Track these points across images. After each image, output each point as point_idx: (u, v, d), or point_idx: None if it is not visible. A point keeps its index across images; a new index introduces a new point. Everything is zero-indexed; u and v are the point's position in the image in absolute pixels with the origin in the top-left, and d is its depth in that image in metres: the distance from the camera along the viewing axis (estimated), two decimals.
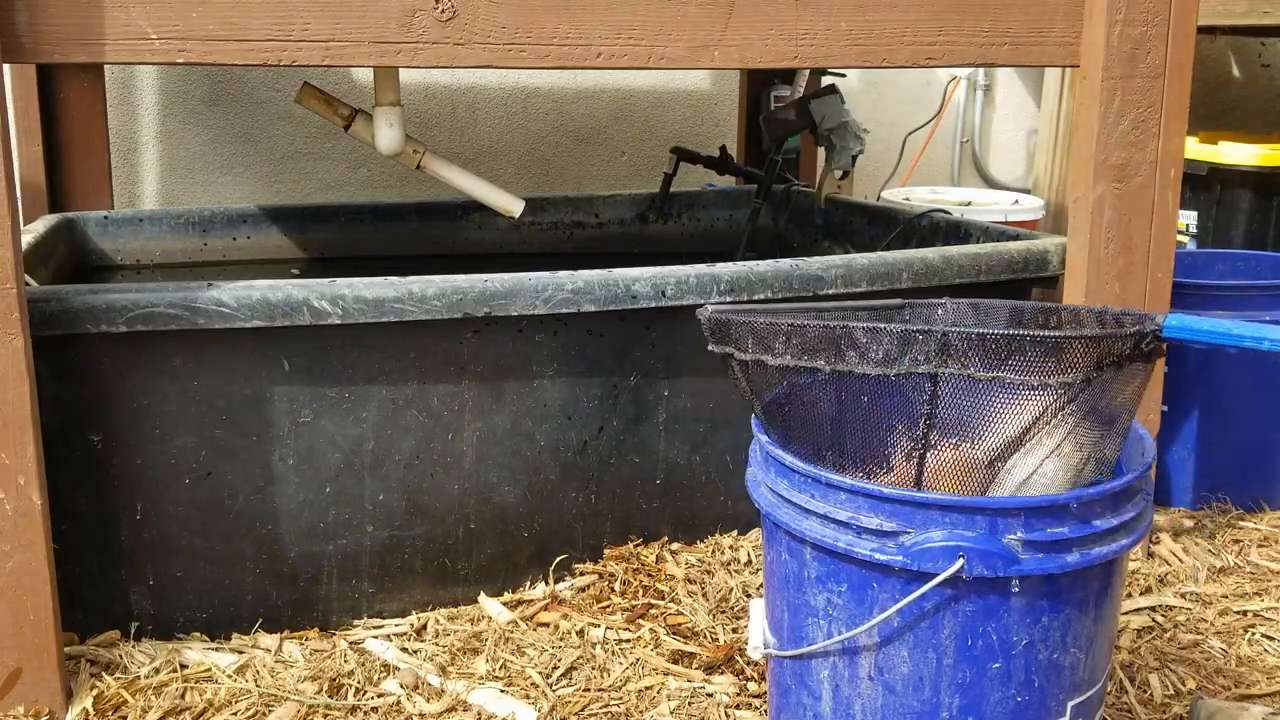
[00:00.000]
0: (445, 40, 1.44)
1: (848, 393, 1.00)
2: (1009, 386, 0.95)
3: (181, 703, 1.42)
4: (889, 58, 1.59)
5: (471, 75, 2.91)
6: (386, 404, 1.56)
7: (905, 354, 0.96)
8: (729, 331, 1.07)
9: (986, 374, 0.94)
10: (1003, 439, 0.99)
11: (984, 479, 1.02)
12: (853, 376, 0.98)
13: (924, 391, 0.96)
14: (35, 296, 1.39)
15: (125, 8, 1.32)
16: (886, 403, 0.97)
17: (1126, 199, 1.70)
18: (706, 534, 1.85)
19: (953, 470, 0.99)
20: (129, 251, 2.19)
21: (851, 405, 0.99)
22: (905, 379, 0.96)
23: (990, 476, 1.02)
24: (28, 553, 1.35)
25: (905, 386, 0.97)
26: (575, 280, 1.58)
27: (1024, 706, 1.10)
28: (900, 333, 0.95)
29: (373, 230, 2.33)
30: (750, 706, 1.43)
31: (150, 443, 1.49)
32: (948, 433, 0.98)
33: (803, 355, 1.00)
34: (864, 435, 1.03)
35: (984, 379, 0.95)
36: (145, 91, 2.69)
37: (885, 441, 1.01)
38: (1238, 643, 1.60)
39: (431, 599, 1.67)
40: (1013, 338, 0.95)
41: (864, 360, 0.97)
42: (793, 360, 1.00)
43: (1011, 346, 0.96)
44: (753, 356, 1.05)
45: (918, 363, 0.95)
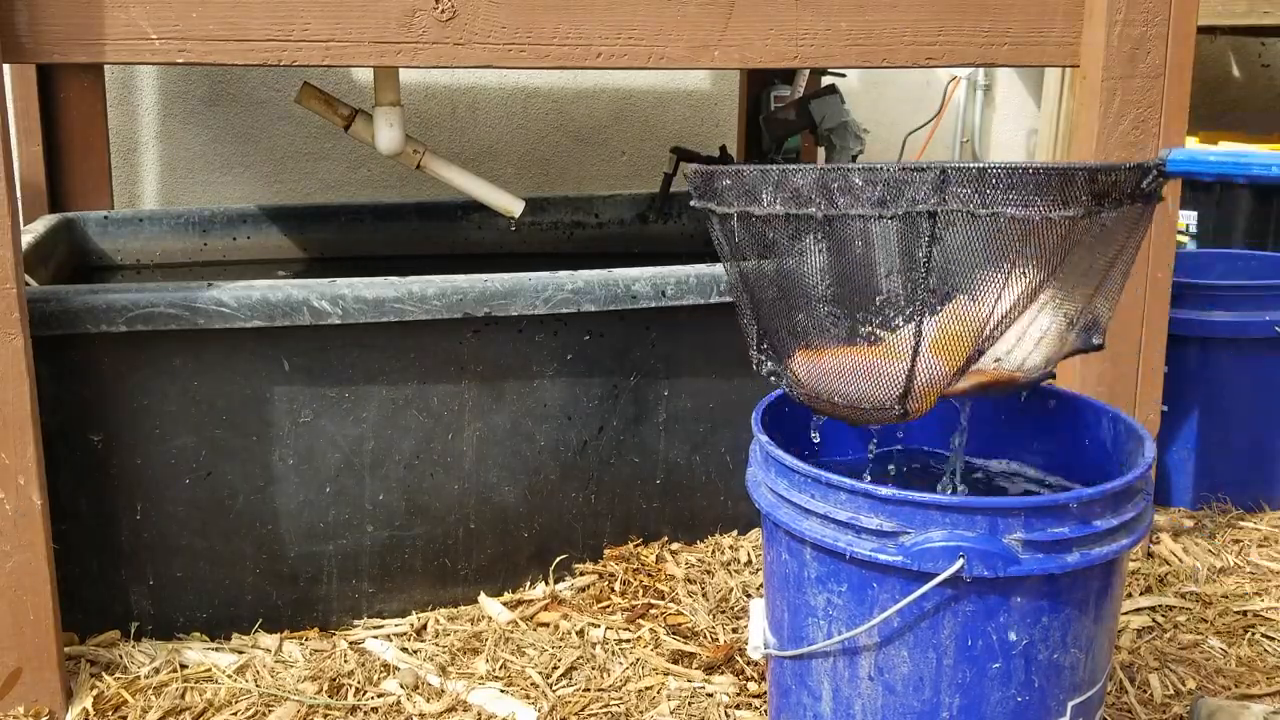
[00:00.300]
0: (445, 40, 1.44)
1: (838, 246, 0.92)
2: (1009, 224, 0.90)
3: (181, 703, 1.42)
4: (889, 58, 1.59)
5: (471, 75, 2.91)
6: (386, 404, 1.56)
7: (903, 194, 0.89)
8: (713, 184, 0.99)
9: (986, 209, 0.89)
10: (1001, 286, 0.93)
11: (983, 333, 0.96)
12: (847, 223, 0.91)
13: (923, 235, 0.89)
14: (35, 296, 1.39)
15: (125, 8, 1.32)
16: (881, 254, 0.91)
17: None
18: (706, 534, 1.85)
19: (953, 327, 0.93)
20: (129, 251, 2.19)
21: (843, 260, 0.92)
22: (903, 221, 0.89)
23: (990, 330, 0.96)
24: (28, 553, 1.35)
25: (903, 234, 0.90)
26: (575, 280, 1.58)
27: (1024, 706, 1.10)
28: (898, 173, 0.89)
29: (373, 230, 2.33)
30: (750, 706, 1.43)
31: (150, 443, 1.49)
32: (945, 287, 0.93)
33: (793, 203, 0.93)
34: (856, 295, 0.95)
35: (984, 215, 0.89)
36: (145, 91, 2.69)
37: (879, 301, 0.94)
38: (1238, 643, 1.60)
39: (431, 599, 1.67)
40: (1014, 169, 0.90)
41: (859, 203, 0.90)
42: (782, 208, 0.93)
43: (1012, 180, 0.90)
44: (739, 209, 0.97)
45: (915, 202, 0.89)
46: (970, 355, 0.96)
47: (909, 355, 0.94)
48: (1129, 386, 1.75)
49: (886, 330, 0.98)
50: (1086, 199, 0.91)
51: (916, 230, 0.89)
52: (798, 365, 1.04)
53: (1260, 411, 1.99)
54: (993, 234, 0.90)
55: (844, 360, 1.01)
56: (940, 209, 0.89)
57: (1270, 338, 1.93)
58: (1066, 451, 1.33)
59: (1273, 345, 1.94)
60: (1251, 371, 1.97)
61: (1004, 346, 1.01)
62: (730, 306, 1.69)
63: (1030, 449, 1.36)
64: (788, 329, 1.01)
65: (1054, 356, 1.08)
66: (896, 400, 0.98)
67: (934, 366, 0.97)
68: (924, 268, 0.89)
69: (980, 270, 0.91)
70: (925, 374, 0.97)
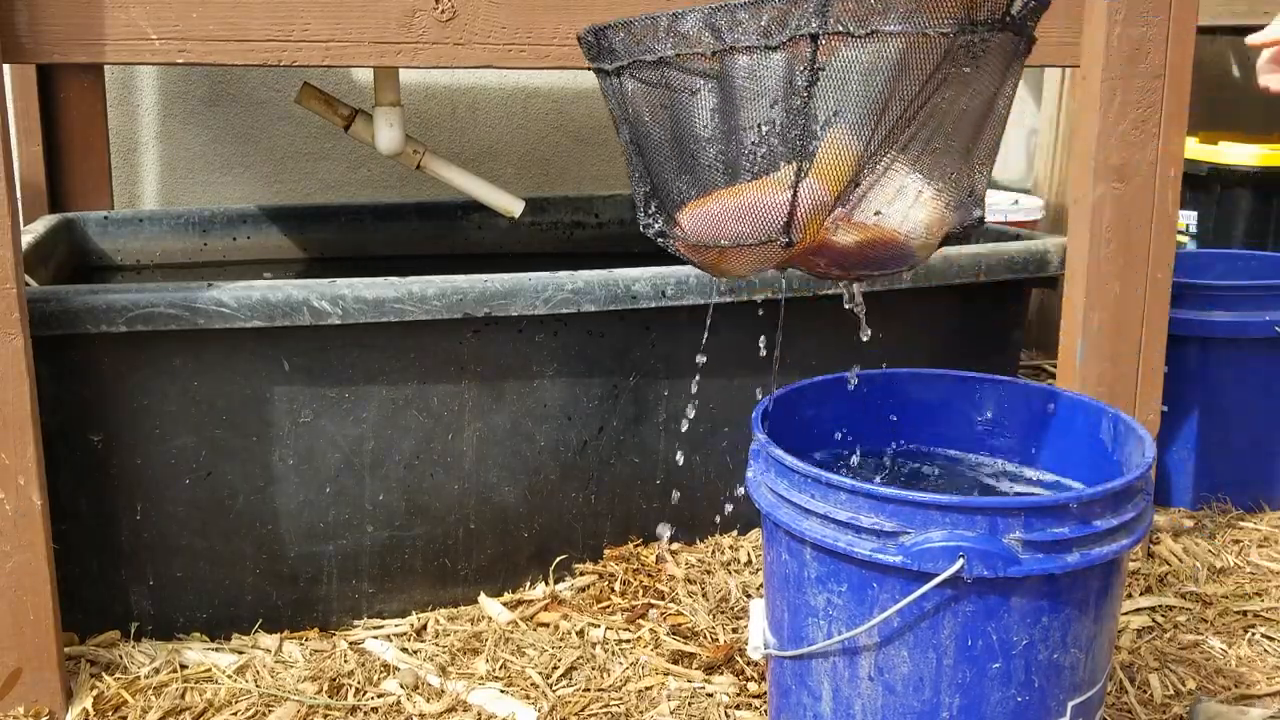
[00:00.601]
0: (445, 40, 1.44)
1: (726, 83, 0.95)
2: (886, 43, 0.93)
3: (181, 703, 1.42)
4: None
5: (471, 75, 2.91)
6: (386, 404, 1.56)
7: (788, 23, 0.92)
8: (605, 40, 1.01)
9: (863, 30, 0.92)
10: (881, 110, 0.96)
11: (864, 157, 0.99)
12: (734, 57, 0.94)
13: (804, 61, 0.92)
14: (35, 296, 1.39)
15: (125, 8, 1.32)
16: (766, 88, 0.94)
17: (1126, 199, 1.70)
18: (706, 534, 1.85)
19: (834, 152, 0.96)
20: (129, 252, 2.19)
21: (729, 99, 0.95)
22: (787, 49, 0.92)
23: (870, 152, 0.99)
24: (28, 553, 1.35)
25: (788, 63, 0.93)
26: (575, 280, 1.58)
27: (1024, 706, 1.10)
28: (781, 3, 0.92)
29: (373, 230, 2.33)
30: (750, 706, 1.43)
31: (150, 443, 1.49)
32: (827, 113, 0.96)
33: (683, 44, 0.96)
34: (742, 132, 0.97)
35: (861, 35, 0.92)
36: (145, 91, 2.69)
37: (765, 133, 0.97)
38: (1238, 643, 1.60)
39: (431, 599, 1.67)
40: None
41: (746, 35, 0.93)
42: (672, 50, 0.96)
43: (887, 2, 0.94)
44: (630, 59, 0.99)
45: (799, 28, 0.92)
46: (850, 181, 0.98)
47: (790, 184, 0.95)
48: (1129, 386, 1.75)
49: (771, 167, 0.99)
50: (960, 17, 0.94)
51: (800, 57, 0.92)
52: (684, 218, 1.05)
53: (1260, 411, 1.99)
54: (872, 56, 0.92)
55: (729, 201, 1.02)
56: (822, 31, 0.91)
57: (1270, 338, 1.93)
58: (1066, 451, 1.33)
59: (1273, 345, 1.94)
60: (1251, 371, 1.97)
61: (884, 197, 1.02)
62: (730, 307, 1.69)
63: (1030, 449, 1.36)
64: (676, 181, 1.02)
65: (933, 222, 1.08)
66: (781, 230, 0.99)
67: (816, 192, 0.98)
68: (805, 93, 0.92)
69: (859, 95, 0.93)
70: (808, 200, 0.99)
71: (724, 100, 0.96)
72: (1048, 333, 2.85)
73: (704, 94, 0.97)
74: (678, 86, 0.98)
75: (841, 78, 0.92)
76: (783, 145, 0.95)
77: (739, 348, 1.75)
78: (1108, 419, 1.27)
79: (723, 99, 0.96)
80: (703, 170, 1.04)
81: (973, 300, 1.90)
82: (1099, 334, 1.73)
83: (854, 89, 0.92)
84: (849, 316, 1.81)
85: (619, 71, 1.01)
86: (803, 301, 1.73)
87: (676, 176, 1.05)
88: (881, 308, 1.82)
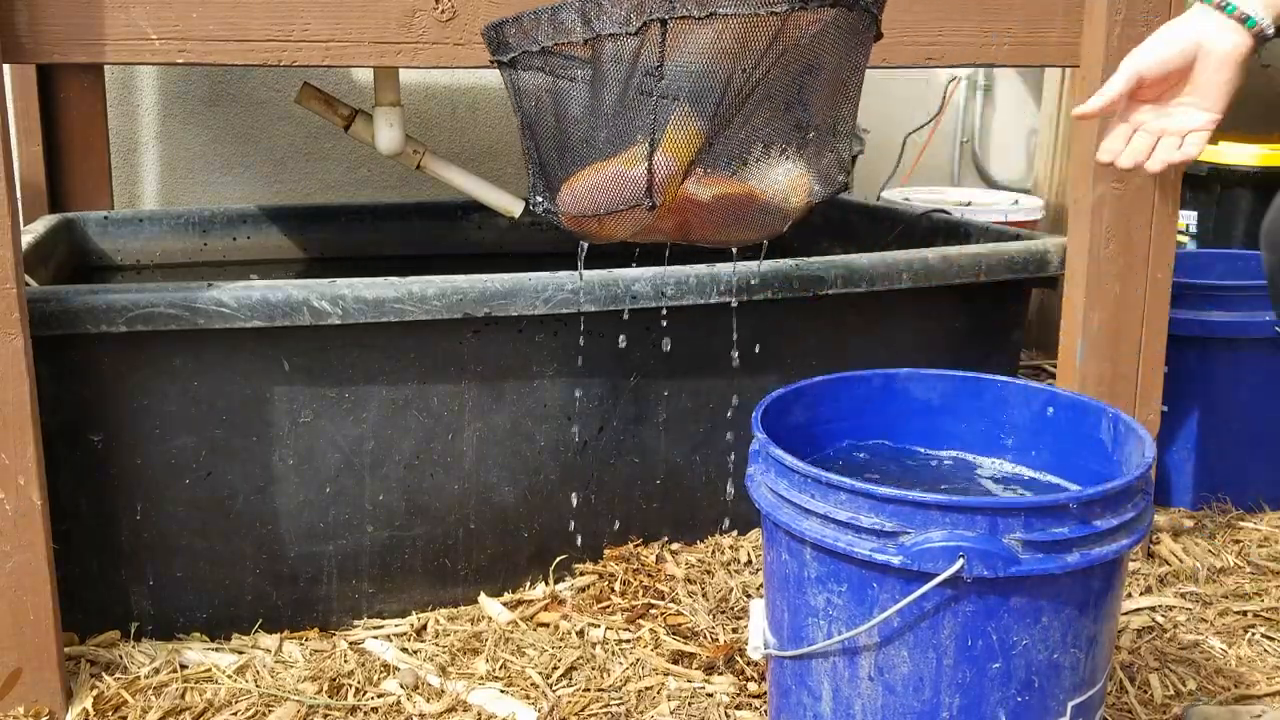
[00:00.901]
0: (445, 40, 1.44)
1: (596, 68, 1.09)
2: (726, 23, 1.05)
3: (181, 703, 1.42)
4: (889, 58, 1.59)
5: (471, 75, 2.91)
6: (386, 404, 1.56)
7: (643, 9, 1.05)
8: (501, 34, 1.15)
9: (703, 12, 1.04)
10: (723, 84, 1.08)
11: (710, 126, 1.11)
12: (602, 43, 1.08)
13: (654, 43, 1.06)
14: (35, 296, 1.39)
15: (125, 8, 1.32)
16: (627, 70, 1.08)
17: (1126, 199, 1.70)
18: (706, 534, 1.85)
19: (683, 131, 1.09)
20: (129, 252, 2.19)
21: (599, 82, 1.10)
22: (641, 34, 1.06)
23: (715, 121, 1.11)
24: (28, 553, 1.35)
25: (645, 45, 1.07)
26: (575, 280, 1.58)
27: (1024, 706, 1.10)
28: None
29: (373, 230, 2.33)
30: (750, 706, 1.43)
31: (150, 443, 1.49)
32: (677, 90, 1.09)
33: (560, 34, 1.10)
34: (610, 112, 1.12)
35: (700, 17, 1.04)
36: (145, 91, 2.69)
37: (629, 115, 1.11)
38: (1238, 643, 1.60)
39: (431, 599, 1.67)
40: None
41: (611, 23, 1.06)
42: (550, 40, 1.10)
43: None
44: (520, 50, 1.13)
45: (651, 13, 1.05)
46: (700, 149, 1.11)
47: (646, 156, 1.10)
48: (1129, 386, 1.75)
49: (632, 142, 1.13)
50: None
51: (651, 40, 1.06)
52: (564, 193, 1.18)
53: (1260, 411, 1.99)
54: (714, 35, 1.06)
55: (598, 175, 1.16)
56: (670, 15, 1.05)
57: (1270, 338, 1.93)
58: (1066, 451, 1.33)
59: (1273, 345, 1.94)
60: (1251, 371, 1.97)
61: (737, 156, 1.15)
62: (729, 306, 1.69)
63: (1030, 449, 1.36)
64: (558, 161, 1.16)
65: (789, 182, 1.20)
66: (644, 195, 1.13)
67: (668, 161, 1.12)
68: (656, 73, 1.06)
69: (704, 72, 1.07)
70: (663, 169, 1.12)
71: (594, 84, 1.09)
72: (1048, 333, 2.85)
73: (579, 79, 1.10)
74: (559, 73, 1.10)
75: (687, 57, 1.05)
76: (639, 121, 1.08)
77: (739, 347, 1.75)
78: (1108, 419, 1.27)
79: (593, 83, 1.09)
80: (578, 148, 1.17)
81: (973, 300, 1.90)
82: (1099, 334, 1.73)
83: (698, 67, 1.05)
84: (849, 316, 1.81)
85: (512, 62, 1.13)
86: (803, 301, 1.73)
87: (559, 156, 1.18)
88: (881, 308, 1.82)
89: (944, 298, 1.87)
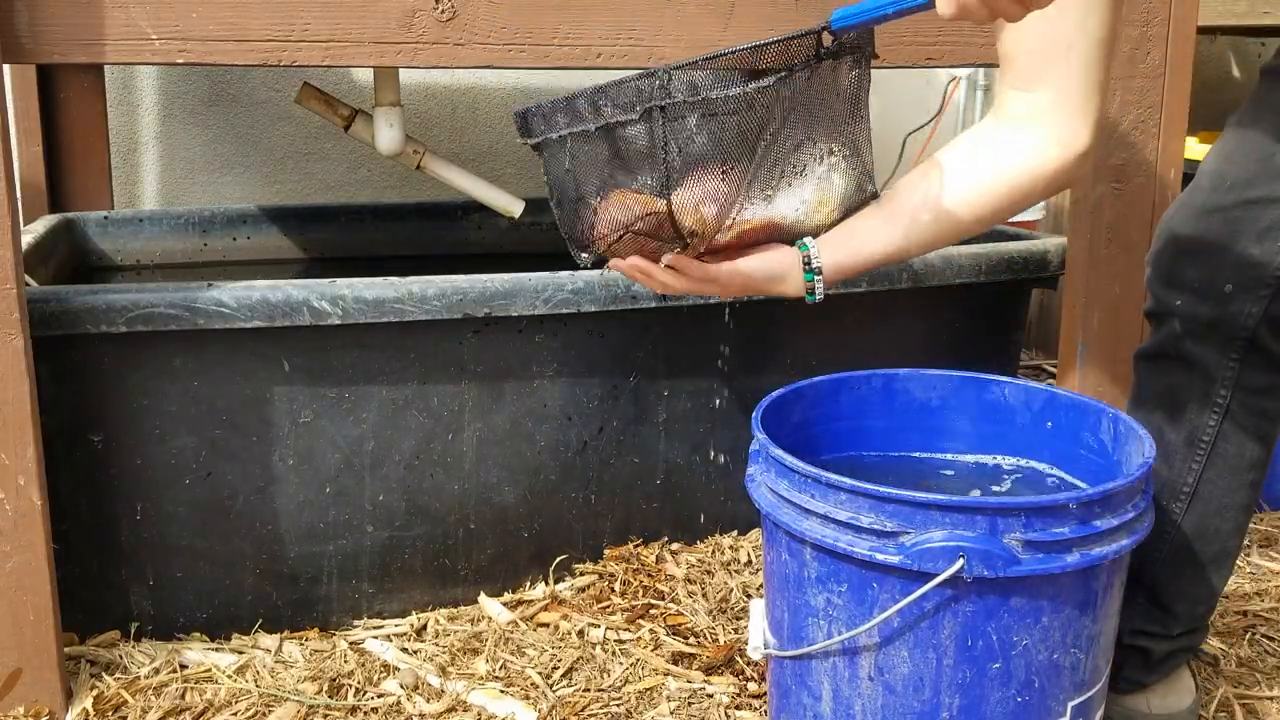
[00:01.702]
0: (445, 40, 1.44)
1: (611, 150, 1.20)
2: (719, 104, 1.14)
3: (181, 703, 1.42)
4: (889, 58, 1.59)
5: (471, 75, 2.91)
6: (386, 404, 1.56)
7: (641, 98, 1.15)
8: (528, 123, 1.25)
9: (694, 98, 1.13)
10: (727, 157, 1.16)
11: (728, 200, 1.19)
12: (612, 128, 1.18)
13: (657, 122, 1.15)
14: (35, 296, 1.39)
15: (125, 8, 1.32)
16: (641, 148, 1.17)
17: (1126, 199, 1.70)
18: (706, 534, 1.85)
19: (696, 193, 1.17)
20: (129, 252, 2.19)
21: (617, 160, 1.20)
22: (645, 118, 1.15)
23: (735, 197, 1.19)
24: (28, 553, 1.35)
25: (651, 131, 1.16)
26: (575, 280, 1.58)
27: (1024, 707, 1.10)
28: (635, 82, 1.16)
29: (373, 230, 2.33)
30: (750, 707, 1.43)
31: (150, 443, 1.49)
32: (692, 169, 1.17)
33: (576, 121, 1.20)
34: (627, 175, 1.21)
35: (693, 102, 1.13)
36: (145, 91, 2.69)
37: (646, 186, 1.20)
38: (1238, 643, 1.60)
39: (431, 599, 1.67)
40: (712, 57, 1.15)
41: (617, 110, 1.16)
42: (567, 128, 1.20)
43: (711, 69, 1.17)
44: (541, 136, 1.23)
45: (651, 100, 1.14)
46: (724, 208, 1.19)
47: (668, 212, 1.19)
48: (1129, 386, 1.75)
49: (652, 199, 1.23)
50: (769, 64, 1.15)
51: (655, 121, 1.16)
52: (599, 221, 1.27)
53: None
54: (715, 114, 1.15)
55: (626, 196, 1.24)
56: (667, 101, 1.14)
57: None
58: (1066, 451, 1.33)
59: None
60: None
61: (754, 198, 1.22)
62: (729, 306, 1.69)
63: (1030, 449, 1.36)
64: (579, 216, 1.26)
65: (830, 205, 1.27)
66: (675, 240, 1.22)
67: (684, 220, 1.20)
68: (664, 149, 1.15)
69: (713, 140, 1.15)
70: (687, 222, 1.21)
71: (611, 160, 1.20)
72: (1048, 333, 2.85)
73: (598, 156, 1.20)
74: (578, 156, 1.21)
75: (691, 133, 1.15)
76: (654, 189, 1.18)
77: (739, 347, 1.75)
78: (1108, 419, 1.27)
79: (610, 159, 1.20)
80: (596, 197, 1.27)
81: (973, 300, 1.90)
82: (1099, 334, 1.73)
83: (702, 140, 1.15)
84: (849, 316, 1.81)
85: (537, 147, 1.25)
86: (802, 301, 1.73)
87: (580, 213, 1.27)
88: (881, 307, 1.82)
89: (944, 298, 1.87)
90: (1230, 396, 1.24)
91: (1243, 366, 1.23)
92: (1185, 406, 1.27)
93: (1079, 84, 1.18)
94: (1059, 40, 1.17)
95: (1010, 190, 1.23)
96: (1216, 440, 1.27)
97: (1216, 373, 1.24)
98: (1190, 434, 1.27)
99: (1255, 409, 1.25)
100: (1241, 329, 1.21)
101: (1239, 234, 1.20)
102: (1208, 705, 1.44)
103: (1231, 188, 1.22)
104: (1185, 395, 1.27)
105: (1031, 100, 1.21)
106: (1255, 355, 1.22)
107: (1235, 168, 1.22)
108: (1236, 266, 1.20)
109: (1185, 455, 1.28)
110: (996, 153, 1.23)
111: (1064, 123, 1.20)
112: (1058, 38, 1.17)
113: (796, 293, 1.30)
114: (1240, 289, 1.20)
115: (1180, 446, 1.28)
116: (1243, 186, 1.21)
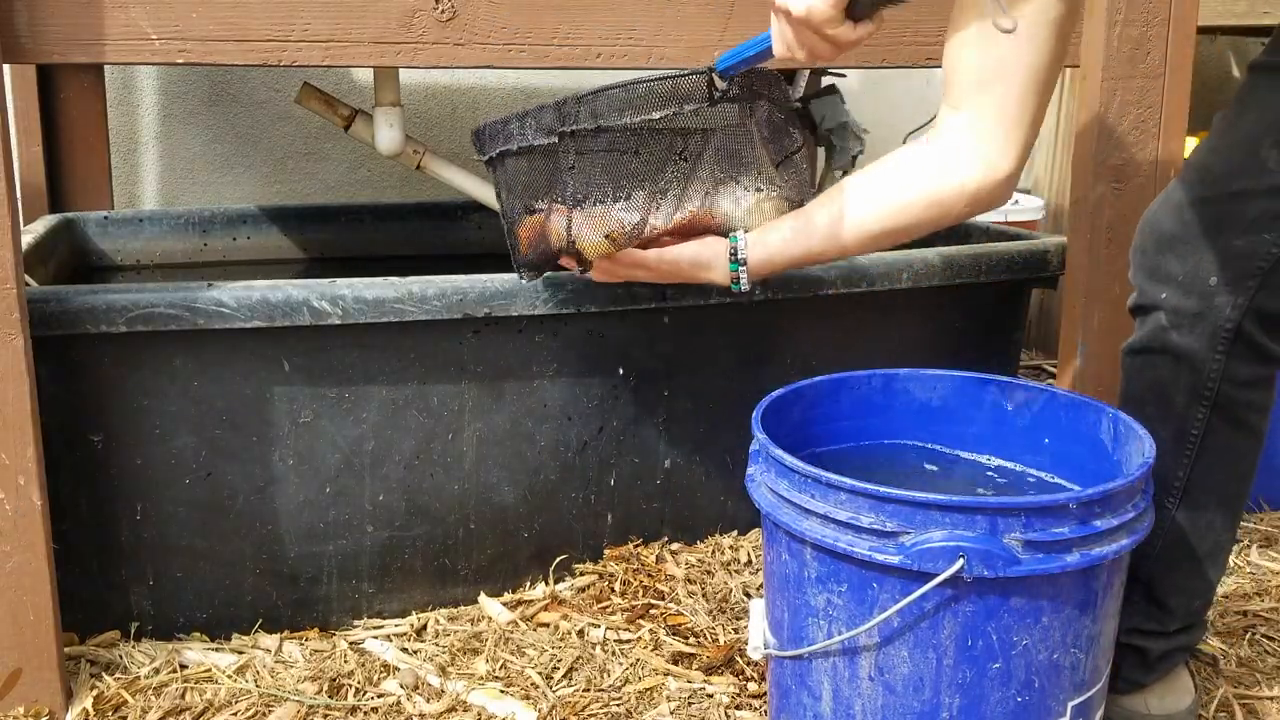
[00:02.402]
0: (445, 40, 1.44)
1: (543, 168, 1.34)
2: (621, 135, 1.30)
3: (181, 703, 1.42)
4: (889, 58, 1.59)
5: (471, 75, 2.91)
6: (386, 404, 1.56)
7: (560, 119, 1.29)
8: (483, 137, 1.37)
9: (594, 123, 1.28)
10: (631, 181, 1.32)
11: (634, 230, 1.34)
12: (534, 151, 1.33)
13: (568, 148, 1.31)
14: (35, 296, 1.39)
15: (125, 8, 1.32)
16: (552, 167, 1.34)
17: (1126, 199, 1.70)
18: (706, 534, 1.85)
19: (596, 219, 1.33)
20: (129, 252, 2.19)
21: (550, 179, 1.35)
22: (560, 139, 1.30)
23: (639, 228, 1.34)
24: (28, 553, 1.35)
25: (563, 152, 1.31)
26: (575, 280, 1.58)
27: (1024, 707, 1.10)
28: (554, 106, 1.30)
29: (373, 230, 2.33)
30: (750, 707, 1.43)
31: (150, 443, 1.49)
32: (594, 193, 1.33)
33: (514, 140, 1.33)
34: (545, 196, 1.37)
35: (591, 128, 1.28)
36: (145, 91, 2.69)
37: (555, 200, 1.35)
38: (1238, 643, 1.60)
39: (431, 599, 1.67)
40: (599, 93, 1.31)
41: (539, 133, 1.31)
42: (510, 145, 1.33)
43: (612, 101, 1.31)
44: (487, 155, 1.37)
45: (555, 129, 1.29)
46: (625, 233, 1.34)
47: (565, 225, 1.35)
48: None
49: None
50: (659, 104, 1.30)
51: (565, 146, 1.31)
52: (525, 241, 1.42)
53: None
54: (616, 140, 1.31)
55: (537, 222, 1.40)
56: (571, 128, 1.29)
57: None
58: (1066, 451, 1.33)
59: None
60: None
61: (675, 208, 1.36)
62: (728, 306, 1.69)
63: (1030, 449, 1.36)
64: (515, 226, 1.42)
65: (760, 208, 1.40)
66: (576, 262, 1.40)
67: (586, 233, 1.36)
68: (570, 170, 1.31)
69: (612, 168, 1.31)
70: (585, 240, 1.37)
71: (538, 178, 1.35)
72: (1048, 333, 2.86)
73: (517, 177, 1.35)
74: (519, 169, 1.36)
75: (595, 157, 1.31)
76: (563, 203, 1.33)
77: (740, 346, 1.75)
78: (1108, 419, 1.27)
79: (530, 177, 1.35)
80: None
81: (973, 300, 1.90)
82: (1099, 334, 1.73)
83: (602, 164, 1.31)
84: (849, 316, 1.81)
85: (489, 162, 1.38)
86: (802, 301, 1.73)
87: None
88: (882, 307, 1.82)
89: (944, 298, 1.87)
90: (1218, 389, 1.25)
91: (1229, 359, 1.23)
92: (1173, 400, 1.27)
93: (1012, 111, 1.22)
94: (992, 67, 1.21)
95: (928, 204, 1.27)
96: (1206, 433, 1.27)
97: (1203, 366, 1.24)
98: (1179, 428, 1.27)
99: (1243, 401, 1.25)
100: (1227, 321, 1.21)
101: (1223, 227, 1.21)
102: (1207, 705, 1.44)
103: (1216, 181, 1.22)
104: (1173, 389, 1.27)
105: (962, 120, 1.24)
106: (1241, 347, 1.22)
107: (1220, 161, 1.23)
108: (1221, 259, 1.20)
109: (1175, 449, 1.28)
110: (922, 165, 1.28)
111: (990, 145, 1.23)
112: (992, 65, 1.21)
113: (723, 281, 1.38)
114: (1225, 281, 1.20)
115: (1170, 440, 1.28)
116: (1227, 180, 1.21)
